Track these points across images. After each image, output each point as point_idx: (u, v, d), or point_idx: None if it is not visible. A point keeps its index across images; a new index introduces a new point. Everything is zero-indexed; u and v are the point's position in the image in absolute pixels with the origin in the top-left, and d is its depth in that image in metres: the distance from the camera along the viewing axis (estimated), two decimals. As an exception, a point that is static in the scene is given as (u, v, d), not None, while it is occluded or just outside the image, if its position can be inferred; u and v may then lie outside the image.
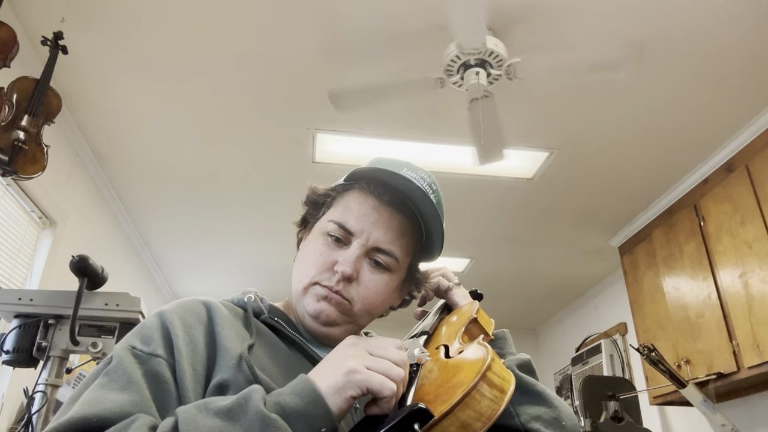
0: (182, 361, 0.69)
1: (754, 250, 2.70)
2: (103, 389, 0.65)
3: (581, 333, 4.79)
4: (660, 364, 2.70)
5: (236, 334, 0.76)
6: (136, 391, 0.65)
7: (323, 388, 0.61)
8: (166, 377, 0.67)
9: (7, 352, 1.57)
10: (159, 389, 0.66)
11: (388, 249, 0.81)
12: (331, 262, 0.81)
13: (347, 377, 0.61)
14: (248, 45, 2.39)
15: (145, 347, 0.70)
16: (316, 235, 0.85)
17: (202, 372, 0.70)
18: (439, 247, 0.87)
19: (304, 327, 0.85)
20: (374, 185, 0.83)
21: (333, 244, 0.82)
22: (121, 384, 0.65)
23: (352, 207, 0.83)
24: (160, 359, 0.69)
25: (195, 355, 0.71)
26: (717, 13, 2.21)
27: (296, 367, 0.77)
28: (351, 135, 2.94)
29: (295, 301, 0.85)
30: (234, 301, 0.85)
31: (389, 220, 0.82)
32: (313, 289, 0.81)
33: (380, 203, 0.82)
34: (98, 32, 2.34)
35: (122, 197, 3.58)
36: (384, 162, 0.84)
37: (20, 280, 2.63)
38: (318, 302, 0.80)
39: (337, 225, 0.82)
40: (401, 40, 2.33)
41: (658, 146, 3.01)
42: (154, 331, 0.72)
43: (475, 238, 4.03)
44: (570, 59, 2.26)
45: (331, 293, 0.80)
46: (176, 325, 0.72)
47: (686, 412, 3.57)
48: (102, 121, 2.88)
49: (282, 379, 0.73)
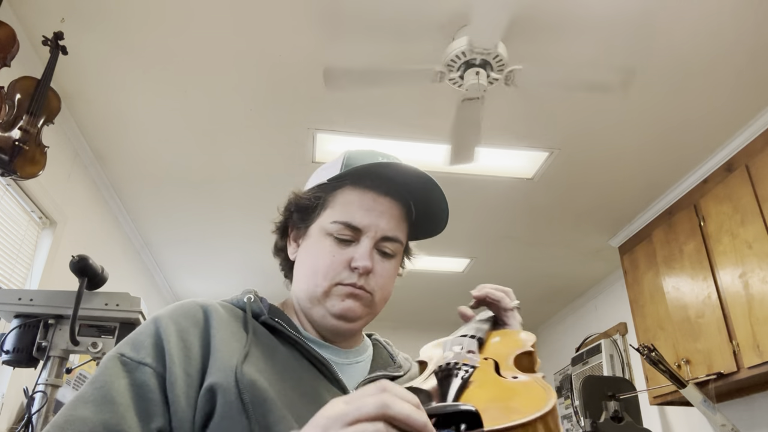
0: (174, 368, 0.69)
1: (754, 250, 2.70)
2: (79, 402, 0.66)
3: (581, 333, 4.79)
4: (660, 364, 2.70)
5: (232, 336, 0.76)
6: (111, 410, 0.65)
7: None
8: (151, 387, 0.68)
9: (7, 352, 1.58)
10: (143, 399, 0.67)
11: (395, 236, 0.84)
12: (346, 260, 0.81)
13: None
14: (248, 45, 2.39)
15: (134, 354, 0.71)
16: (318, 238, 0.84)
17: (196, 377, 0.70)
18: (446, 212, 0.88)
19: (320, 328, 0.84)
20: (368, 178, 0.84)
21: (341, 243, 0.82)
22: (97, 397, 0.66)
23: (352, 204, 0.83)
24: (147, 368, 0.69)
25: (188, 360, 0.71)
26: (717, 13, 2.21)
27: (294, 368, 0.77)
28: (351, 135, 2.94)
29: (309, 306, 0.84)
30: (233, 302, 0.85)
31: (390, 209, 0.84)
32: (336, 290, 0.81)
33: (378, 194, 0.84)
34: (98, 32, 2.34)
35: (122, 197, 3.58)
36: (360, 156, 0.86)
37: (20, 280, 2.63)
38: (344, 301, 0.81)
39: (343, 225, 0.82)
40: (403, 31, 2.31)
41: (658, 146, 3.01)
42: (146, 338, 0.73)
43: (475, 238, 4.03)
44: (566, 75, 2.28)
45: (355, 289, 0.81)
46: (170, 331, 0.73)
47: (686, 412, 3.57)
48: (102, 121, 2.88)
49: (279, 380, 0.73)
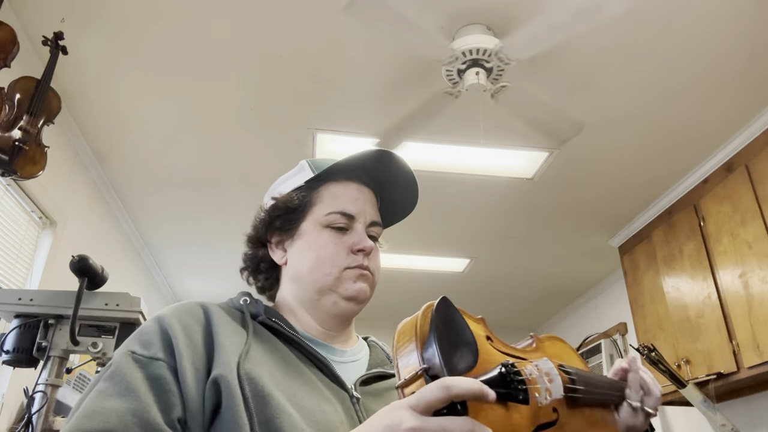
0: (183, 362, 0.70)
1: (754, 250, 2.70)
2: (101, 396, 0.66)
3: (581, 333, 4.80)
4: (660, 364, 2.70)
5: (234, 332, 0.77)
6: (135, 398, 0.66)
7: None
8: (168, 379, 0.69)
9: (7, 352, 1.58)
10: (162, 391, 0.68)
11: (378, 221, 0.92)
12: (347, 246, 0.87)
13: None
14: (248, 45, 2.39)
15: (145, 351, 0.71)
16: (314, 232, 0.88)
17: (203, 370, 0.72)
18: (416, 189, 0.95)
19: (327, 318, 0.87)
20: (348, 173, 0.91)
21: (338, 232, 0.88)
22: (120, 390, 0.67)
23: (340, 196, 0.89)
24: (160, 362, 0.70)
25: (195, 354, 0.72)
26: (717, 12, 2.21)
27: (295, 364, 0.79)
28: (351, 135, 2.94)
29: (317, 298, 0.86)
30: (230, 304, 0.86)
31: (370, 197, 0.92)
32: (346, 274, 0.86)
33: (359, 185, 0.92)
34: (98, 32, 2.34)
35: (122, 197, 3.58)
36: (322, 160, 0.93)
37: (20, 280, 2.63)
38: (356, 282, 0.86)
39: (339, 214, 0.88)
40: (403, 32, 2.32)
41: (657, 146, 3.01)
42: (153, 335, 0.73)
43: (475, 238, 4.03)
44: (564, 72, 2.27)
45: (362, 270, 0.86)
46: (175, 327, 0.74)
47: (686, 412, 3.57)
48: (102, 121, 2.88)
49: (279, 374, 0.74)
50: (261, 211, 0.93)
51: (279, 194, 0.92)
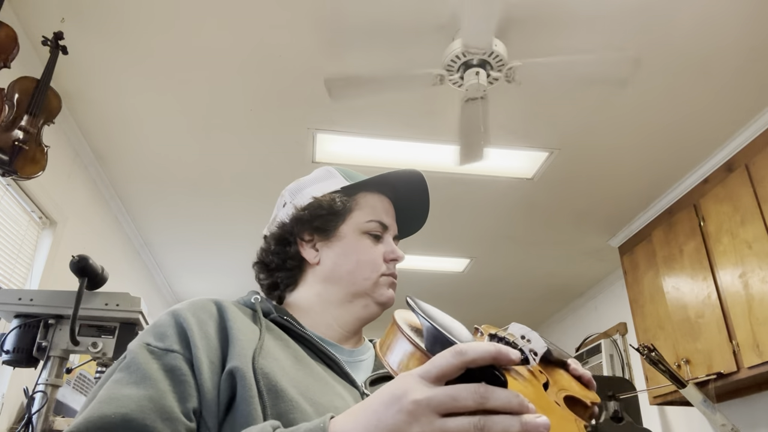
0: (199, 354, 0.71)
1: (754, 250, 2.70)
2: (118, 384, 0.67)
3: (581, 333, 4.80)
4: (660, 364, 2.70)
5: (247, 327, 0.78)
6: (152, 386, 0.66)
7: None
8: (184, 370, 0.69)
9: (7, 352, 1.58)
10: (178, 381, 0.68)
11: (399, 236, 0.98)
12: (382, 254, 0.92)
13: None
14: (248, 45, 2.39)
15: (160, 343, 0.72)
16: (355, 237, 0.92)
17: (217, 363, 0.72)
18: (424, 220, 1.03)
19: (353, 320, 0.90)
20: (380, 186, 0.96)
21: (375, 239, 0.93)
22: (136, 378, 0.67)
23: (377, 207, 0.94)
24: (176, 354, 0.71)
25: (210, 347, 0.73)
26: (717, 12, 2.21)
27: (307, 360, 0.80)
28: (351, 135, 2.94)
29: (350, 300, 0.90)
30: (241, 302, 0.87)
31: (394, 213, 0.98)
32: (383, 280, 0.91)
33: (389, 200, 0.97)
34: (98, 32, 2.34)
35: (122, 197, 3.58)
36: (351, 171, 0.99)
37: (20, 280, 2.63)
38: (388, 289, 0.92)
39: (378, 223, 0.93)
40: (402, 35, 2.33)
41: (658, 146, 3.01)
42: (168, 328, 0.74)
43: (475, 238, 4.03)
44: (569, 68, 2.27)
45: (394, 278, 0.93)
46: (190, 320, 0.75)
47: (686, 412, 3.57)
48: (102, 121, 2.88)
49: (292, 370, 0.76)
50: (295, 208, 0.92)
51: (312, 197, 0.93)
